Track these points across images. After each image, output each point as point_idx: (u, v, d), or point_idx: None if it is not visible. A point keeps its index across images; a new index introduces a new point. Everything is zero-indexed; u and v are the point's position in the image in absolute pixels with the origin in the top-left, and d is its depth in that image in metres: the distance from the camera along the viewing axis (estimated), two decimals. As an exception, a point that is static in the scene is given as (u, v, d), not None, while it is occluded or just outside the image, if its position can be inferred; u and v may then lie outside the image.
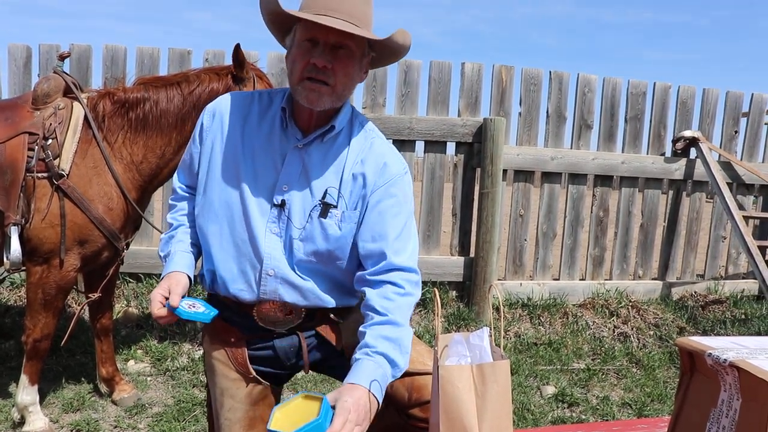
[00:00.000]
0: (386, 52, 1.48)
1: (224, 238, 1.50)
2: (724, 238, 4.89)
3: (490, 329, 1.24)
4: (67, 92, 2.59)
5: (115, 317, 3.49)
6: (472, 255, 4.23)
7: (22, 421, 2.60)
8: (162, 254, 1.59)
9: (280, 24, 1.46)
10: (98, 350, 2.90)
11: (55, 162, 2.44)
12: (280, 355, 1.57)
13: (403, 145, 4.03)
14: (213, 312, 1.47)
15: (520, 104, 4.30)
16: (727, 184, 4.52)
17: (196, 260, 1.60)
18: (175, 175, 1.68)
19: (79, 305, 3.62)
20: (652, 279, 4.77)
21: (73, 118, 2.52)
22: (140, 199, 2.67)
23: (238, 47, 2.52)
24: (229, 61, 2.64)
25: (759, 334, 4.08)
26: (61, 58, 2.70)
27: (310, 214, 1.46)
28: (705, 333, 4.16)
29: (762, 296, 4.69)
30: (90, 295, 2.70)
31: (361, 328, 1.43)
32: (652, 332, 4.15)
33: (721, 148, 4.70)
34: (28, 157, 2.43)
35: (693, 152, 4.63)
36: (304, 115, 1.47)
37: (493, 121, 4.05)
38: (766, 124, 4.89)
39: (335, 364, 1.60)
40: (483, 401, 1.11)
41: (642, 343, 4.05)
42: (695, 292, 4.68)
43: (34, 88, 2.59)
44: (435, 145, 4.15)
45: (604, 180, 4.51)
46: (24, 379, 2.57)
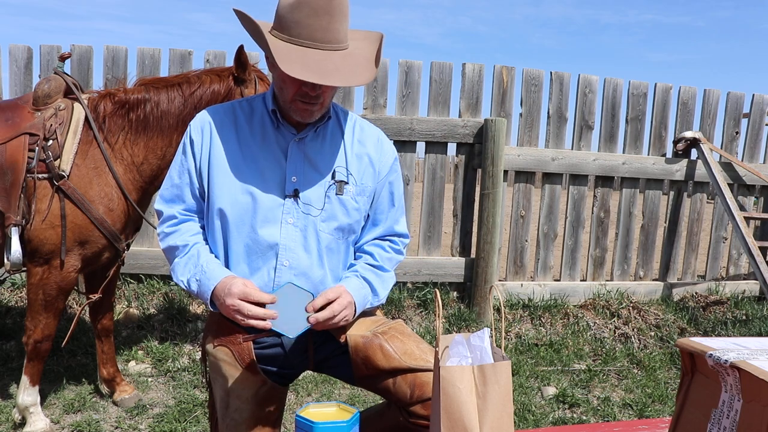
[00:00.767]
0: None
1: (232, 241, 1.53)
2: (725, 239, 4.88)
3: (491, 330, 1.24)
4: (68, 93, 2.60)
5: (116, 318, 3.50)
6: (473, 256, 4.23)
7: (23, 422, 2.60)
8: (187, 277, 1.51)
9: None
10: (99, 351, 2.90)
11: (56, 163, 2.44)
12: (288, 353, 1.58)
13: (404, 145, 4.03)
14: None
15: (521, 105, 4.30)
16: (728, 184, 4.52)
17: None
18: (164, 205, 1.61)
19: (79, 306, 3.62)
20: (653, 280, 4.77)
21: (74, 119, 2.52)
22: (141, 200, 2.68)
23: (241, 49, 2.52)
24: (230, 62, 2.64)
25: (760, 334, 4.08)
26: (62, 59, 2.71)
27: (327, 194, 1.56)
28: (706, 334, 4.16)
29: (763, 297, 4.68)
30: (91, 296, 2.70)
31: (353, 262, 1.65)
32: (653, 333, 4.15)
33: (722, 149, 4.70)
34: (29, 158, 2.43)
35: (694, 153, 4.63)
36: None
37: (494, 122, 4.05)
38: (767, 125, 4.88)
39: (338, 363, 1.62)
40: (484, 402, 1.11)
41: (643, 344, 4.04)
42: (696, 293, 4.68)
43: (34, 89, 2.59)
44: (436, 146, 4.15)
45: (605, 181, 4.51)
46: (25, 379, 2.57)
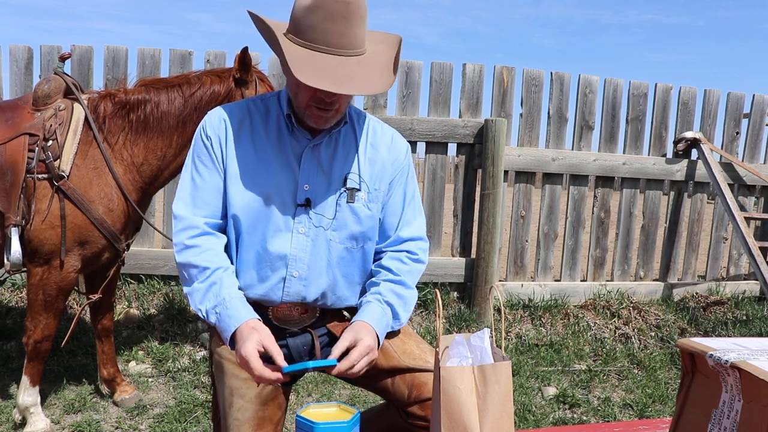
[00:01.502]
0: None
1: (243, 247, 1.51)
2: (726, 239, 4.88)
3: (491, 330, 1.24)
4: (68, 93, 2.59)
5: (116, 318, 3.49)
6: (473, 256, 4.22)
7: (24, 422, 2.60)
8: (206, 308, 1.42)
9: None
10: (99, 351, 2.90)
11: (56, 163, 2.44)
12: (293, 353, 1.58)
13: (404, 146, 4.03)
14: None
15: (521, 105, 4.30)
16: (729, 185, 4.52)
17: None
18: (185, 209, 1.49)
19: (80, 306, 3.62)
20: (654, 280, 4.77)
21: (74, 120, 2.52)
22: (141, 201, 2.67)
23: (245, 51, 2.52)
24: (230, 63, 2.64)
25: (760, 335, 4.08)
26: (62, 59, 2.70)
27: (338, 203, 1.52)
28: (706, 334, 4.15)
29: (763, 297, 4.68)
30: (91, 296, 2.70)
31: (373, 280, 1.57)
32: (653, 333, 4.15)
33: (722, 149, 4.70)
34: (29, 158, 2.43)
35: (694, 153, 4.63)
36: None
37: (494, 122, 4.05)
38: (767, 125, 4.88)
39: None
40: (484, 402, 1.11)
41: (643, 344, 4.04)
42: (696, 293, 4.68)
43: (34, 89, 2.59)
44: (436, 146, 4.15)
45: (605, 181, 4.51)
46: (25, 380, 2.57)
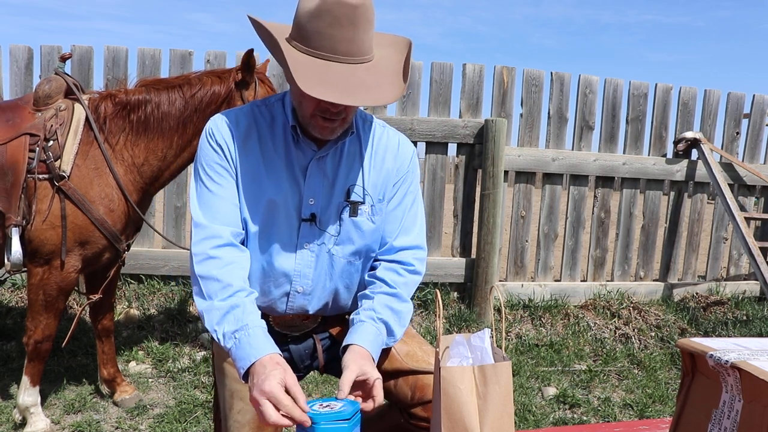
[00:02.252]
0: None
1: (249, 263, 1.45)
2: (726, 240, 4.88)
3: (492, 330, 1.24)
4: (69, 93, 2.59)
5: (116, 318, 3.49)
6: (474, 256, 4.22)
7: (24, 422, 2.60)
8: (224, 331, 1.31)
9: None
10: (99, 351, 2.90)
11: (56, 163, 2.44)
12: (294, 357, 1.58)
13: (404, 146, 4.03)
14: (355, 406, 1.20)
15: (522, 105, 4.30)
16: (729, 185, 4.52)
17: None
18: (206, 217, 1.40)
19: (80, 306, 3.62)
20: (654, 280, 4.77)
21: (75, 120, 2.52)
22: (141, 201, 2.68)
23: (251, 53, 2.52)
24: (230, 63, 2.64)
25: (760, 335, 4.08)
26: (63, 60, 2.71)
27: (341, 217, 1.47)
28: (706, 334, 4.15)
29: (763, 297, 4.68)
30: (91, 297, 2.71)
31: (367, 292, 1.48)
32: (653, 333, 4.15)
33: (722, 149, 4.70)
34: (29, 158, 2.43)
35: (694, 153, 4.63)
36: None
37: (495, 122, 4.05)
38: (767, 125, 4.88)
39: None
40: (484, 402, 1.11)
41: (643, 345, 4.04)
42: (697, 294, 4.68)
43: (35, 90, 2.59)
44: (436, 147, 4.15)
45: (605, 181, 4.51)
46: (25, 380, 2.57)
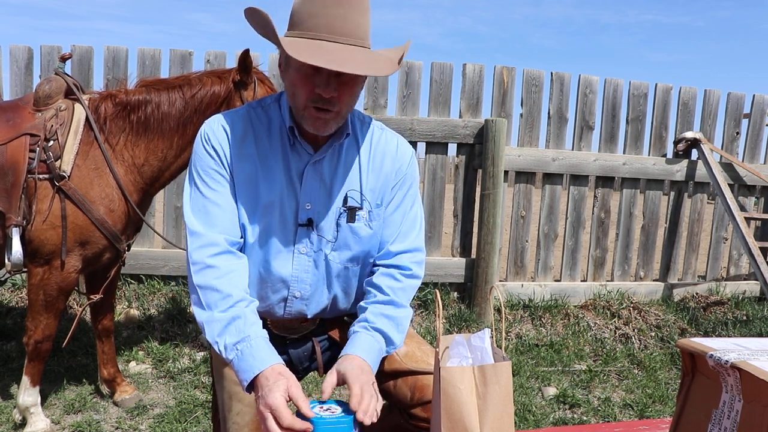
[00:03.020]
0: None
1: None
2: (726, 240, 4.88)
3: (492, 330, 1.24)
4: (69, 94, 2.59)
5: (116, 318, 3.50)
6: (474, 256, 4.22)
7: (24, 423, 2.60)
8: (225, 342, 1.29)
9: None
10: (99, 351, 2.90)
11: (57, 163, 2.44)
12: (293, 359, 1.58)
13: (405, 146, 4.03)
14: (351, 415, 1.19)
15: (522, 105, 4.30)
16: (729, 185, 4.52)
17: None
18: (201, 224, 1.38)
19: (80, 306, 3.62)
20: (654, 280, 4.77)
21: (75, 120, 2.52)
22: (141, 202, 2.68)
23: (247, 53, 2.52)
24: (230, 63, 2.64)
25: (760, 335, 4.08)
26: (63, 60, 2.70)
27: (338, 223, 1.45)
28: (706, 334, 4.15)
29: (763, 297, 4.68)
30: (91, 297, 2.71)
31: (362, 303, 1.47)
32: (653, 333, 4.15)
33: (722, 149, 4.70)
34: (30, 158, 2.43)
35: (694, 153, 4.63)
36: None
37: (495, 122, 4.05)
38: (767, 125, 4.88)
39: None
40: (484, 402, 1.11)
41: (643, 345, 4.04)
42: (697, 294, 4.68)
43: (35, 90, 2.59)
44: (436, 147, 4.15)
45: (605, 181, 4.51)
46: (25, 380, 2.57)
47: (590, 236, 4.55)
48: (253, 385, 1.26)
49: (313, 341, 1.57)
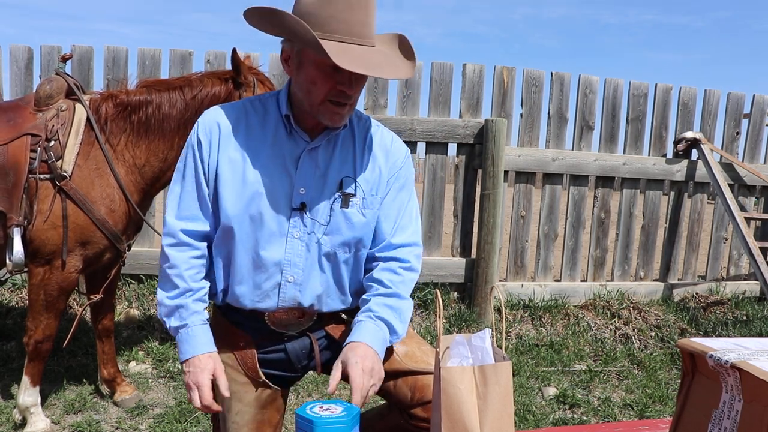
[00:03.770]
0: None
1: (238, 255, 1.47)
2: (726, 240, 4.88)
3: (492, 330, 1.24)
4: (70, 94, 2.60)
5: (116, 319, 3.50)
6: (474, 256, 4.23)
7: (24, 422, 2.60)
8: (171, 324, 1.48)
9: (279, 26, 1.40)
10: (100, 351, 2.90)
11: (58, 164, 2.44)
12: (291, 357, 1.58)
13: (405, 146, 4.03)
14: (355, 410, 1.20)
15: (522, 105, 4.30)
16: (729, 185, 4.52)
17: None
18: (168, 214, 1.50)
19: (80, 306, 3.62)
20: (654, 280, 4.77)
21: (76, 120, 2.52)
22: (142, 202, 2.68)
23: (234, 52, 2.52)
24: (230, 63, 2.64)
25: (760, 335, 4.08)
26: (63, 60, 2.71)
27: (331, 207, 1.48)
28: (706, 334, 4.16)
29: (763, 297, 4.68)
30: (92, 297, 2.71)
31: (364, 296, 1.52)
32: (653, 333, 4.15)
33: (722, 149, 4.70)
34: (31, 158, 2.43)
35: (694, 153, 4.63)
36: (309, 119, 1.47)
37: (495, 122, 4.05)
38: (767, 125, 4.88)
39: None
40: (484, 402, 1.12)
41: (643, 345, 4.04)
42: (697, 294, 4.68)
43: (36, 90, 2.59)
44: (436, 147, 4.15)
45: (605, 181, 4.51)
46: (26, 380, 2.57)
47: (590, 236, 4.55)
48: (186, 363, 1.47)
49: (310, 338, 1.57)
